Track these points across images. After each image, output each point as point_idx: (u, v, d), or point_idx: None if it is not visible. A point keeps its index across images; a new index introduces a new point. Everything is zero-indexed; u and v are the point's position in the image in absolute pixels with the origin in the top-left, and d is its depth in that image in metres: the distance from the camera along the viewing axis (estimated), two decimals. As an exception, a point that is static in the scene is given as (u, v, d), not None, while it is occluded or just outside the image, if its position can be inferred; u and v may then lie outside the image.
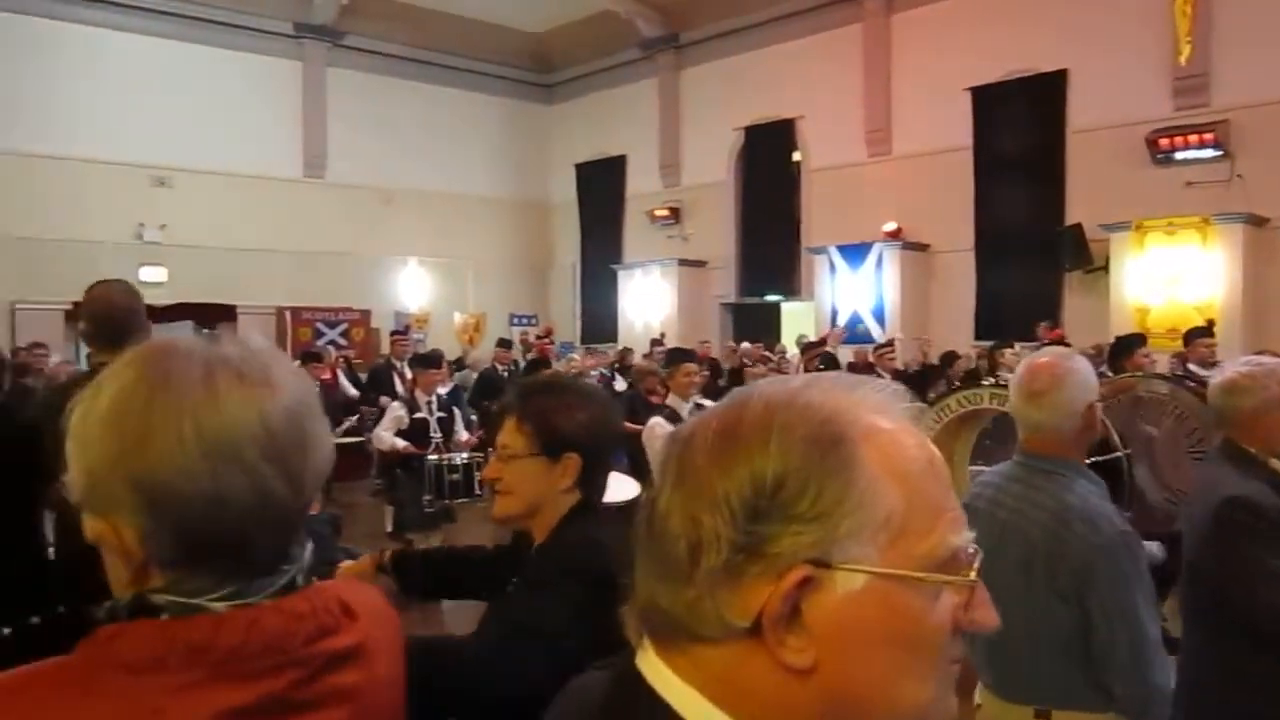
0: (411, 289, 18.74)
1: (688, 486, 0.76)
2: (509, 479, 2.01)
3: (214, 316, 15.18)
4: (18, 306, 14.48)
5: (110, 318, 3.23)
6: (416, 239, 18.52)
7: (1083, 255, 13.01)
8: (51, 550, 3.73)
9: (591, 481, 2.01)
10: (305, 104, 17.67)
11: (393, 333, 13.07)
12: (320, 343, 15.26)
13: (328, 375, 11.20)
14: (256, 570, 0.98)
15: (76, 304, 12.27)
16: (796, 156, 16.80)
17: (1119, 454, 4.23)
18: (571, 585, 1.80)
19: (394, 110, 18.22)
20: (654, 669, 0.79)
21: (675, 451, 0.80)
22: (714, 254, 17.82)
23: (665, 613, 0.77)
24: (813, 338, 13.67)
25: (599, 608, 1.70)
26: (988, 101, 14.11)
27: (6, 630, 2.71)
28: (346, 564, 2.44)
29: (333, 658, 1.00)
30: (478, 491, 7.66)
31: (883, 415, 0.78)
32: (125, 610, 0.94)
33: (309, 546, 1.05)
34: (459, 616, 5.26)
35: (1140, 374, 6.08)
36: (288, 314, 16.55)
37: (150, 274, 14.91)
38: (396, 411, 7.77)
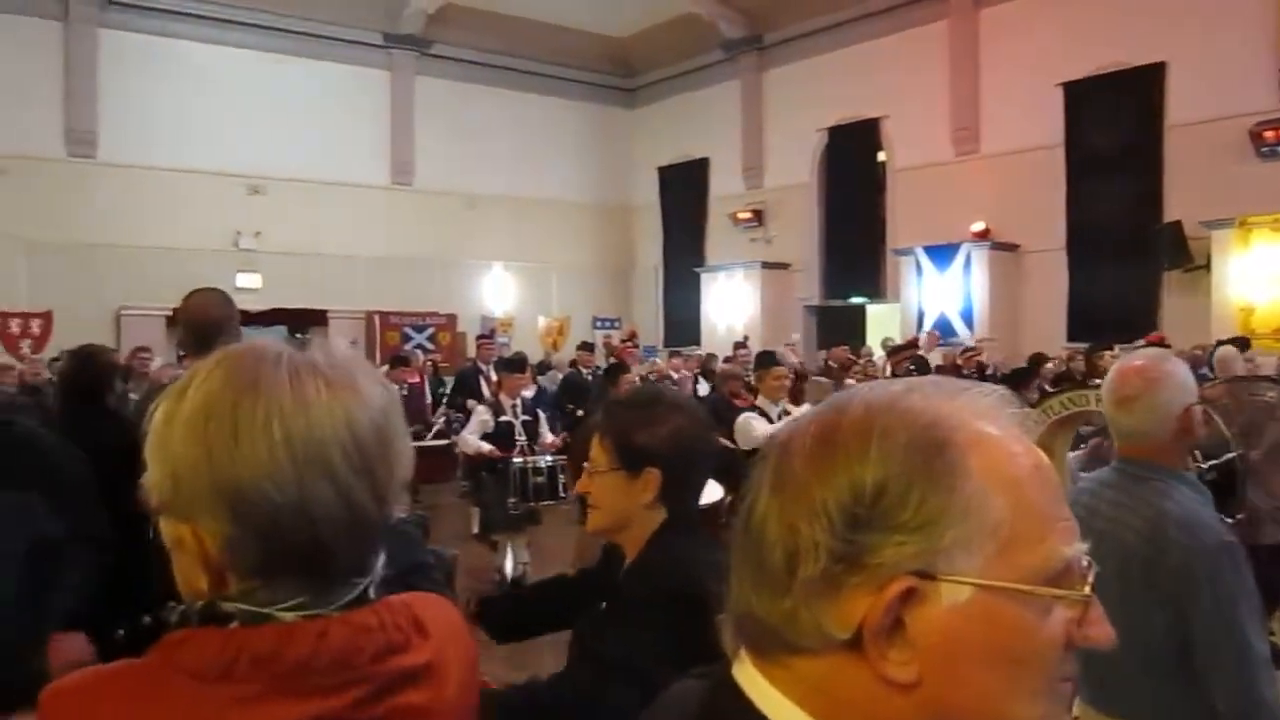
0: (496, 293, 18.99)
1: (785, 493, 0.74)
2: (595, 494, 2.01)
3: (306, 321, 15.59)
4: (123, 312, 15.05)
5: (206, 325, 3.30)
6: (501, 243, 18.76)
7: (1182, 253, 12.58)
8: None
9: (677, 497, 1.97)
10: (393, 112, 18.05)
11: (478, 336, 13.23)
12: (408, 346, 15.54)
13: (416, 379, 11.41)
14: (333, 581, 0.96)
15: (177, 309, 12.62)
16: (881, 156, 16.58)
17: (1232, 455, 4.08)
18: (660, 608, 1.77)
19: (479, 117, 18.49)
20: (750, 679, 0.77)
21: (772, 456, 0.77)
22: (797, 256, 17.68)
23: (761, 622, 0.74)
24: (898, 340, 13.48)
25: (691, 629, 1.68)
26: (1080, 97, 13.73)
27: (120, 632, 2.82)
28: None
29: (400, 676, 0.97)
30: (562, 494, 7.72)
31: (989, 421, 0.74)
32: (197, 616, 0.93)
33: (382, 558, 1.02)
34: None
35: (1244, 377, 5.86)
36: (376, 318, 16.91)
37: (246, 280, 15.35)
38: (482, 415, 7.85)
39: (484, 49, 18.45)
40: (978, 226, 14.63)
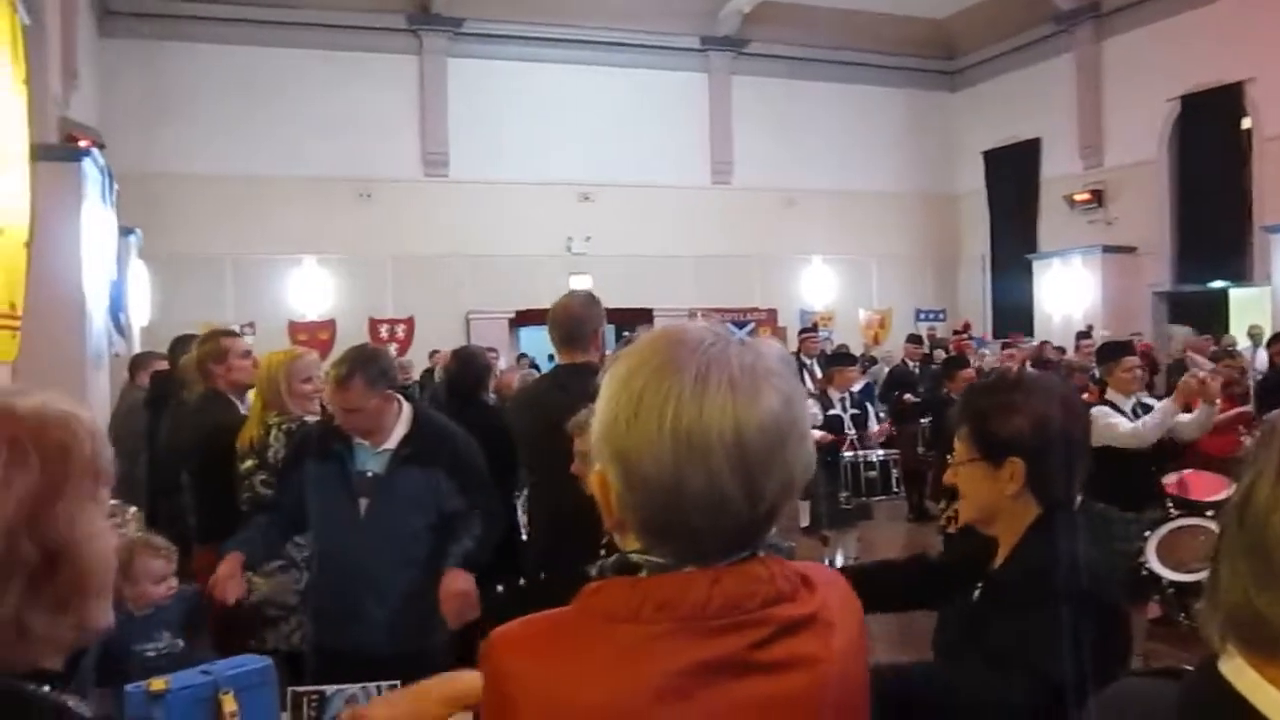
0: (815, 287, 18.91)
1: None
2: (960, 485, 1.97)
3: (634, 320, 16.25)
4: (471, 316, 16.41)
5: (567, 322, 3.69)
6: (820, 237, 18.63)
7: None
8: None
9: (1048, 488, 1.87)
10: (712, 113, 18.40)
11: (801, 331, 13.23)
12: (730, 343, 15.77)
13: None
14: (707, 555, 1.03)
15: (519, 312, 13.54)
16: (1246, 124, 14.85)
17: None
18: (1042, 607, 1.69)
19: (796, 112, 18.48)
20: (1245, 678, 0.70)
21: (1276, 443, 0.70)
22: (1144, 238, 16.22)
23: (1265, 619, 0.68)
24: (1268, 328, 12.06)
25: (1073, 630, 1.59)
26: None
27: (500, 588, 3.13)
28: None
29: (790, 623, 1.04)
30: (895, 489, 7.57)
31: None
32: (611, 568, 1.06)
33: (769, 536, 1.10)
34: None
35: None
36: (700, 315, 17.32)
37: (578, 282, 16.18)
38: (810, 408, 7.83)
39: (800, 44, 18.38)
40: (1370, 195, 12.80)
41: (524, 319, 16.13)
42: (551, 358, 4.25)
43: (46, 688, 0.95)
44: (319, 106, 15.66)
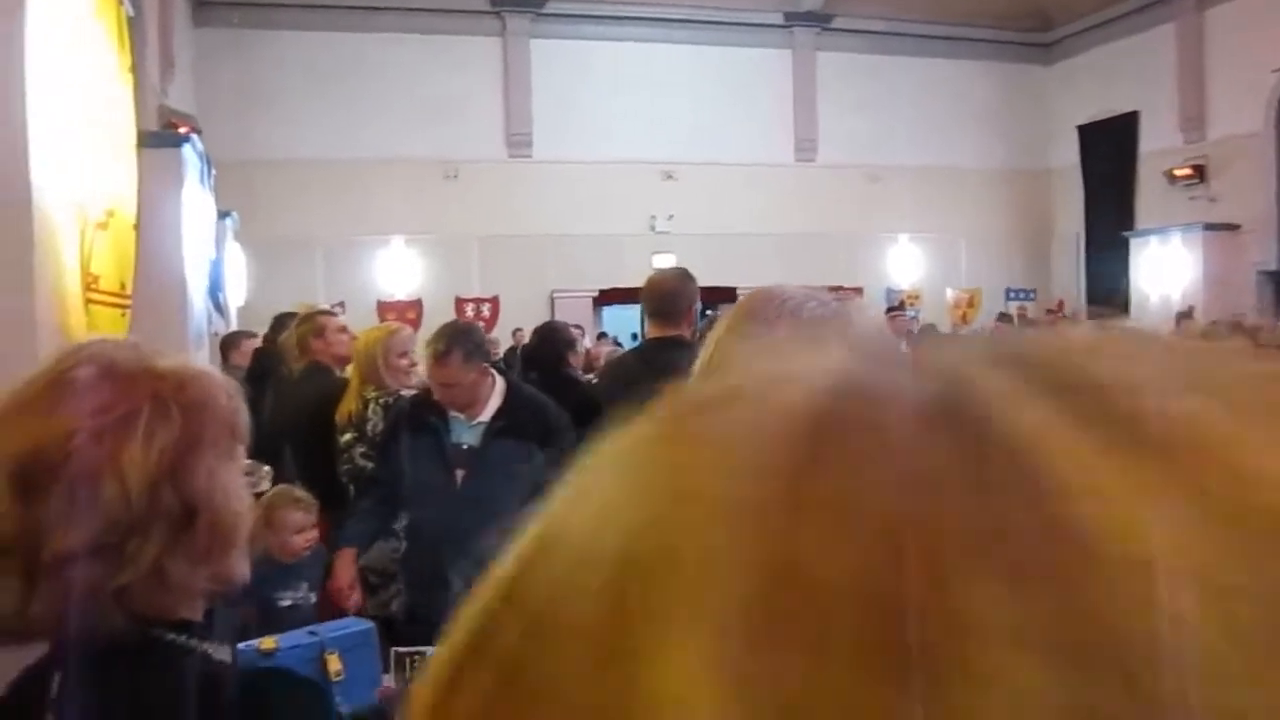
0: (902, 265, 18.64)
1: None
2: None
3: (716, 298, 16.20)
4: (556, 295, 16.54)
5: (659, 298, 3.69)
6: (906, 215, 18.34)
7: None
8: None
9: None
10: (795, 90, 18.19)
11: (888, 309, 13.02)
12: (814, 322, 15.63)
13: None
14: None
15: (602, 291, 13.56)
16: (1360, 92, 14.18)
17: None
18: None
19: (881, 88, 18.17)
20: None
21: None
22: (1249, 215, 15.58)
23: None
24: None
25: None
26: None
27: None
28: None
29: None
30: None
31: None
32: None
33: None
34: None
35: None
36: (782, 295, 17.20)
37: (661, 261, 16.13)
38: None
39: (885, 18, 18.05)
40: None
41: (607, 298, 16.21)
42: (635, 336, 4.29)
43: (185, 636, 0.99)
44: (405, 90, 15.91)
